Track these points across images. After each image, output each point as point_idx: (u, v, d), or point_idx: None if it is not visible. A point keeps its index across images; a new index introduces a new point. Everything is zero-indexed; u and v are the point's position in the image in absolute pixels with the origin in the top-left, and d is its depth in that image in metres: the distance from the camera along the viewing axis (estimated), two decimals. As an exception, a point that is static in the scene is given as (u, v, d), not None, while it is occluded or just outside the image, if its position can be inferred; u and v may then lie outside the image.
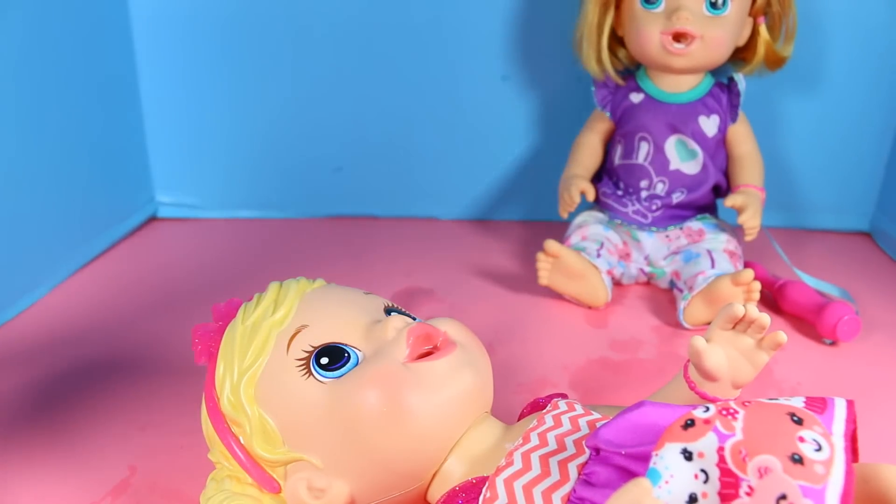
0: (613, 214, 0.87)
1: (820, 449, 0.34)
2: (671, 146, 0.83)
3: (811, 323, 0.75)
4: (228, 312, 0.49)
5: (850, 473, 0.33)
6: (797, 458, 0.33)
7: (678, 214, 0.85)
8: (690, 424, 0.36)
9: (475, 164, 1.02)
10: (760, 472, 0.33)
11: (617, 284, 0.85)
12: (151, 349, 0.72)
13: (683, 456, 0.35)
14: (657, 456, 0.36)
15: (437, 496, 0.44)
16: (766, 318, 0.44)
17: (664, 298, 0.83)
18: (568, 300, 0.81)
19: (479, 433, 0.45)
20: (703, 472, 0.35)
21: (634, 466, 0.37)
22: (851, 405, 0.38)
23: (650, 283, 0.86)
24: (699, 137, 0.82)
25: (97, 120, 0.91)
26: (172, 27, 0.96)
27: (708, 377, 0.44)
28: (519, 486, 0.40)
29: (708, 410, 0.37)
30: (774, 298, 0.81)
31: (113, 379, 0.67)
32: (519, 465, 0.41)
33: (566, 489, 0.39)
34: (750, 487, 0.33)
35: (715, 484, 0.34)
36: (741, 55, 0.84)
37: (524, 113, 0.99)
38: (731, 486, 0.34)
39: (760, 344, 0.45)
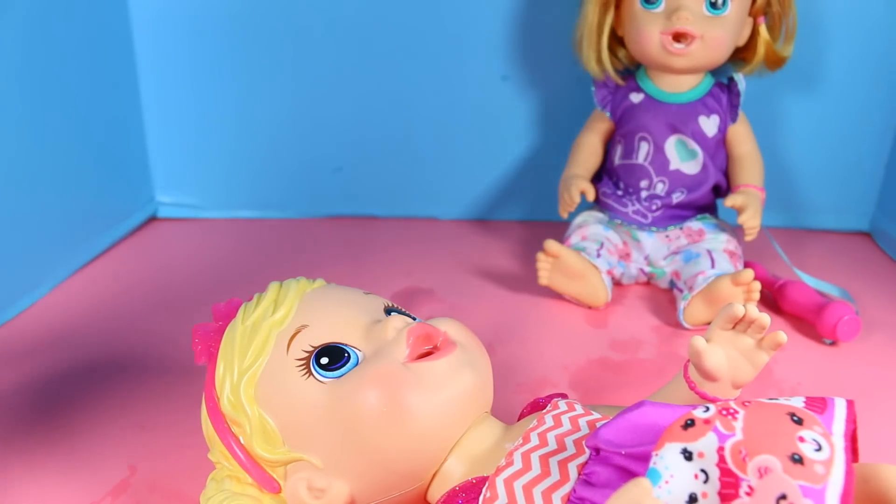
0: (613, 214, 0.87)
1: (820, 449, 0.34)
2: (671, 146, 0.83)
3: (811, 323, 0.75)
4: (228, 312, 0.49)
5: (850, 473, 0.33)
6: (797, 457, 0.33)
7: (678, 214, 0.85)
8: (690, 424, 0.36)
9: (475, 164, 1.02)
10: (760, 472, 0.33)
11: (617, 284, 0.85)
12: (151, 349, 0.72)
13: (683, 456, 0.35)
14: (657, 456, 0.36)
15: (437, 496, 0.44)
16: (766, 318, 0.44)
17: (664, 298, 0.83)
18: (568, 300, 0.81)
19: (479, 433, 0.45)
20: (703, 471, 0.35)
21: (634, 466, 0.37)
22: (851, 405, 0.38)
23: (650, 283, 0.86)
24: (699, 137, 0.82)
25: (97, 120, 0.91)
26: (173, 27, 0.96)
27: (708, 377, 0.44)
28: (519, 486, 0.40)
29: (708, 410, 0.37)
30: (774, 298, 0.81)
31: (113, 379, 0.67)
32: (519, 465, 0.41)
33: (566, 489, 0.39)
34: (750, 487, 0.33)
35: (715, 484, 0.34)
36: (741, 55, 0.84)
37: (524, 113, 0.99)
38: (731, 486, 0.34)
39: (760, 344, 0.45)
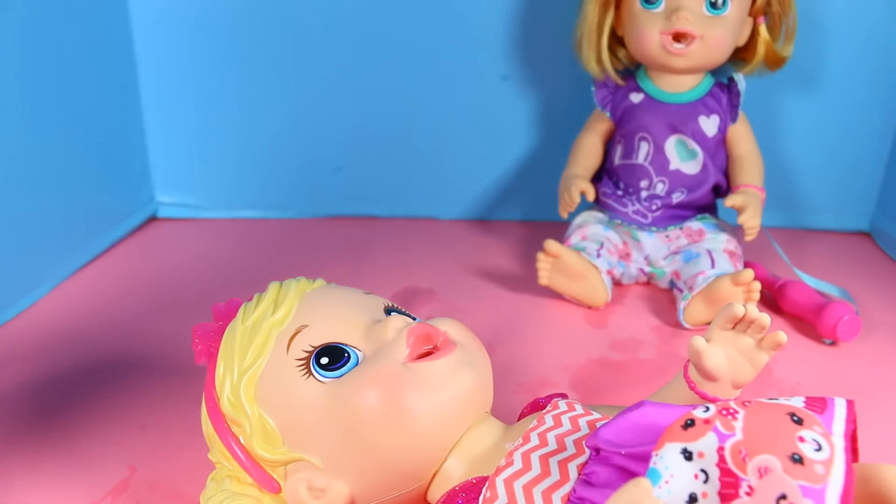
0: (613, 214, 0.87)
1: (820, 449, 0.34)
2: (671, 146, 0.83)
3: (811, 323, 0.75)
4: (228, 312, 0.49)
5: (850, 473, 0.33)
6: (797, 457, 0.33)
7: (678, 214, 0.85)
8: (690, 424, 0.36)
9: (475, 164, 1.02)
10: (760, 471, 0.33)
11: (617, 284, 0.85)
12: (152, 349, 0.72)
13: (683, 456, 0.35)
14: (657, 456, 0.36)
15: (437, 496, 0.44)
16: (766, 318, 0.44)
17: (664, 298, 0.83)
18: (568, 300, 0.81)
19: (479, 433, 0.45)
20: (703, 471, 0.35)
21: (634, 466, 0.37)
22: (851, 405, 0.38)
23: (650, 283, 0.86)
24: (699, 137, 0.82)
25: (97, 120, 0.91)
26: (173, 27, 0.96)
27: (708, 377, 0.44)
28: (519, 486, 0.40)
29: (708, 410, 0.37)
30: (774, 298, 0.81)
31: (113, 379, 0.67)
32: (519, 465, 0.41)
33: (566, 489, 0.39)
34: (750, 487, 0.33)
35: (715, 484, 0.34)
36: (741, 55, 0.84)
37: (524, 113, 0.99)
38: (731, 485, 0.34)
39: (760, 344, 0.45)
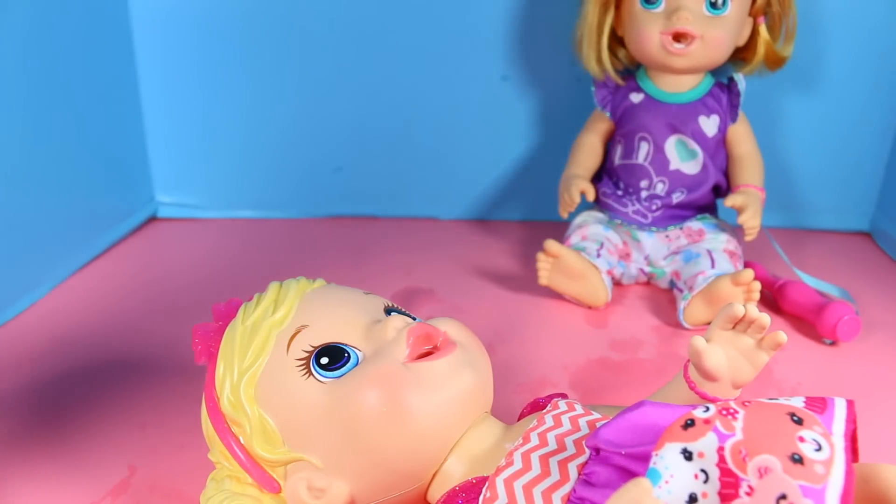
0: (613, 214, 0.87)
1: (820, 449, 0.34)
2: (671, 146, 0.83)
3: (811, 323, 0.75)
4: (228, 312, 0.49)
5: (850, 473, 0.33)
6: (797, 457, 0.33)
7: (678, 214, 0.85)
8: (690, 424, 0.36)
9: (475, 164, 1.02)
10: (760, 471, 0.33)
11: (617, 284, 0.85)
12: (151, 349, 0.72)
13: (683, 456, 0.35)
14: (657, 456, 0.36)
15: (437, 496, 0.44)
16: (766, 318, 0.44)
17: (664, 298, 0.83)
18: (568, 300, 0.81)
19: (479, 433, 0.45)
20: (703, 471, 0.35)
21: (634, 466, 0.37)
22: (851, 405, 0.38)
23: (650, 283, 0.86)
24: (699, 137, 0.82)
25: (97, 120, 0.91)
26: (173, 27, 0.96)
27: (708, 377, 0.44)
28: (519, 486, 0.40)
29: (708, 410, 0.37)
30: (774, 298, 0.81)
31: (113, 379, 0.67)
32: (519, 465, 0.41)
33: (566, 489, 0.39)
34: (750, 487, 0.33)
35: (715, 484, 0.34)
36: (741, 55, 0.84)
37: (524, 113, 0.99)
38: (731, 486, 0.34)
39: (760, 344, 0.45)
